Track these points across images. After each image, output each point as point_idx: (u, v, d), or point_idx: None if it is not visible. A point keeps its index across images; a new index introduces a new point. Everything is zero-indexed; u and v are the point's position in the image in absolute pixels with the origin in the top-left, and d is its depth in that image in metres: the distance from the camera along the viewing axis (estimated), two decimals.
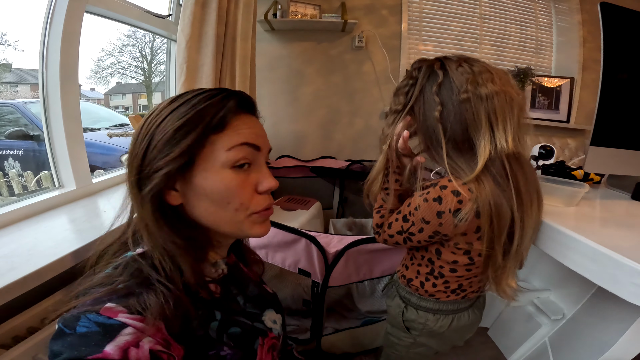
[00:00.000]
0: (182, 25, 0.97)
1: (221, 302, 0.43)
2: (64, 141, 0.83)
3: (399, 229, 0.60)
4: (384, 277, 1.17)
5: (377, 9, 1.76)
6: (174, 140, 0.37)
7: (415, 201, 0.56)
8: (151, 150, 0.37)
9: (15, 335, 0.55)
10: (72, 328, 0.29)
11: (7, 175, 1.54)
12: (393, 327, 0.72)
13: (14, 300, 0.50)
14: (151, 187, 0.37)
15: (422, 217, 0.55)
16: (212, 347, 0.38)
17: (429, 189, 0.54)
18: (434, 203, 0.53)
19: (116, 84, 3.14)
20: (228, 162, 0.38)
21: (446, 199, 0.52)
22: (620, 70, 0.62)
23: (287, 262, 0.80)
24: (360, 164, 1.70)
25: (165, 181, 0.37)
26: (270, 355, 0.47)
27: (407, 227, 0.58)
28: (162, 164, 0.37)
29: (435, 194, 0.53)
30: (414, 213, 0.56)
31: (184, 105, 0.38)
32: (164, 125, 0.38)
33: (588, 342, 0.77)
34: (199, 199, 0.39)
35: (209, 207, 0.39)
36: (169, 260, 0.37)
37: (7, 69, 1.72)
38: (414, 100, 0.58)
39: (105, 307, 0.30)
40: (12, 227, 0.68)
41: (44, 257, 0.56)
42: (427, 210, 0.54)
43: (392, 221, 0.62)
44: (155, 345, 0.30)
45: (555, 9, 1.96)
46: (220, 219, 0.40)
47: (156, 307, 0.32)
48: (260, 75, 1.59)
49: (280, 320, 0.53)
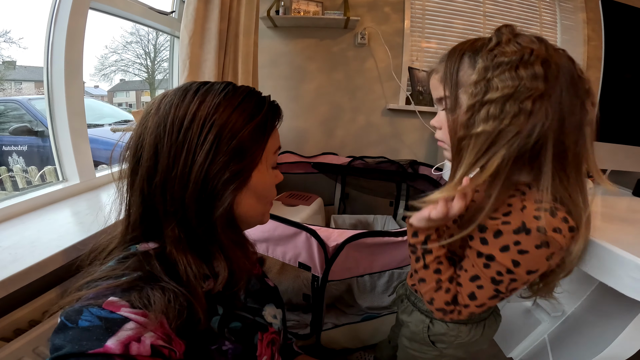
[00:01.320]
0: (185, 22, 0.98)
1: (223, 296, 0.42)
2: (68, 136, 0.83)
3: (492, 293, 0.47)
4: (384, 273, 1.17)
5: (379, 6, 1.76)
6: (251, 142, 0.38)
7: (502, 257, 0.43)
8: (222, 153, 0.36)
9: (17, 328, 0.56)
10: (74, 322, 0.29)
11: (12, 170, 1.55)
12: (413, 342, 0.66)
13: (15, 293, 0.50)
14: (225, 206, 0.37)
15: (528, 270, 0.43)
16: (214, 342, 0.38)
17: (520, 237, 0.42)
18: (539, 251, 0.42)
19: (120, 81, 3.15)
20: (273, 163, 0.43)
21: (555, 241, 0.41)
22: (621, 66, 0.61)
23: (287, 256, 0.81)
24: (362, 160, 1.70)
25: (244, 183, 0.39)
26: (270, 349, 0.47)
27: (505, 287, 0.45)
28: (237, 169, 0.37)
29: (536, 240, 0.41)
30: (512, 270, 0.43)
31: (246, 103, 0.38)
32: (235, 124, 0.36)
33: (588, 339, 0.77)
34: (247, 197, 0.40)
35: (253, 202, 0.41)
36: (195, 267, 0.36)
37: (12, 67, 1.73)
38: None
39: (108, 301, 0.30)
40: (16, 220, 0.69)
41: (47, 249, 0.57)
42: (532, 261, 0.42)
43: (473, 290, 0.48)
44: (157, 340, 0.30)
45: (560, 7, 1.94)
46: (257, 212, 0.43)
47: (160, 304, 0.32)
48: (263, 72, 1.60)
49: (280, 314, 0.53)
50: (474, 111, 0.42)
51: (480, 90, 0.41)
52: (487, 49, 0.42)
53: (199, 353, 0.36)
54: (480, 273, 0.47)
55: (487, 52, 0.42)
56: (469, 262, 0.48)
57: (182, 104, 0.36)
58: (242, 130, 0.37)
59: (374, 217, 1.73)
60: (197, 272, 0.36)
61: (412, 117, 1.82)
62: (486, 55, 0.42)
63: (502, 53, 0.41)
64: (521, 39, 0.42)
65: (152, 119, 0.37)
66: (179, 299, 0.34)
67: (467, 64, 0.45)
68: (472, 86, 0.42)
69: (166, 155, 0.36)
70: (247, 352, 0.42)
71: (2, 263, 0.52)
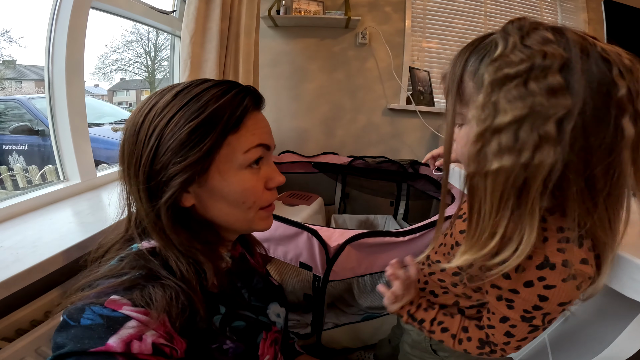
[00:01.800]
0: (186, 21, 0.98)
1: (226, 295, 0.42)
2: (69, 135, 0.84)
3: (526, 332, 0.43)
4: (384, 273, 1.17)
5: (380, 6, 1.75)
6: (191, 143, 0.34)
7: (527, 293, 0.39)
8: (163, 154, 0.35)
9: (19, 328, 0.56)
10: (77, 320, 0.29)
11: (12, 169, 1.55)
12: (415, 349, 0.66)
13: (17, 293, 0.50)
14: (169, 197, 0.35)
15: (559, 302, 0.39)
16: (215, 341, 0.38)
17: (544, 272, 0.37)
18: (567, 283, 0.37)
19: (120, 80, 3.15)
20: (244, 163, 0.38)
21: (583, 273, 0.37)
22: None
23: (288, 256, 0.81)
24: (362, 160, 1.70)
25: (184, 188, 0.36)
26: (273, 349, 0.47)
27: (540, 320, 0.41)
28: (178, 169, 0.34)
29: (563, 274, 0.37)
30: (541, 305, 0.39)
31: (193, 102, 0.35)
32: (175, 125, 0.35)
33: (587, 340, 0.77)
34: (214, 200, 0.38)
35: (223, 207, 0.39)
36: (185, 262, 0.36)
37: (12, 66, 1.73)
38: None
39: (110, 299, 0.30)
40: (17, 220, 0.69)
41: (49, 248, 0.57)
42: (562, 294, 0.38)
43: (507, 329, 0.44)
44: (159, 339, 0.31)
45: (561, 7, 1.94)
46: (233, 218, 0.40)
47: (162, 302, 0.32)
48: (263, 72, 1.60)
49: (284, 313, 0.53)
50: (484, 142, 0.34)
51: (489, 115, 0.33)
52: (491, 58, 0.34)
53: (200, 352, 0.36)
54: (508, 314, 0.43)
55: (490, 63, 0.34)
56: (493, 305, 0.45)
57: (143, 106, 0.37)
58: (181, 130, 0.34)
59: (374, 217, 1.73)
60: (188, 266, 0.36)
61: (413, 117, 1.82)
62: (490, 66, 0.34)
63: (507, 63, 0.32)
64: (532, 39, 0.32)
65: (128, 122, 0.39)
66: (180, 296, 0.34)
67: (470, 74, 0.37)
68: (480, 109, 0.34)
69: (127, 156, 0.37)
70: (249, 351, 0.42)
71: (4, 263, 0.52)
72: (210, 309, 0.39)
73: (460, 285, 0.53)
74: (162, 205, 0.36)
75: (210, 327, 0.38)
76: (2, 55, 1.56)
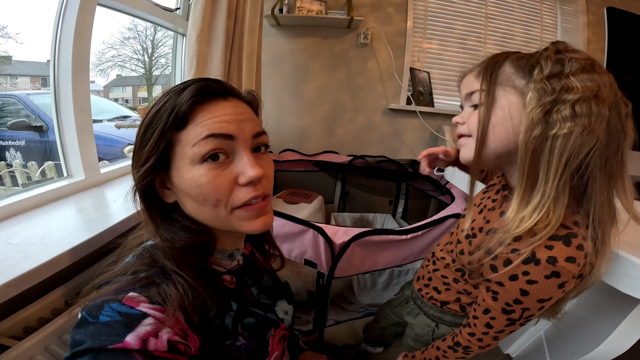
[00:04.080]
0: (192, 19, 0.98)
1: (237, 292, 0.43)
2: (74, 132, 0.83)
3: (503, 324, 0.48)
4: (384, 271, 1.19)
5: (382, 7, 1.76)
6: (143, 143, 0.36)
7: (511, 286, 0.43)
8: (137, 150, 0.38)
9: (26, 326, 0.56)
10: (95, 317, 0.29)
11: (10, 165, 1.54)
12: (417, 343, 0.69)
13: (25, 290, 0.50)
14: (135, 184, 0.38)
15: (539, 299, 0.42)
16: (228, 337, 0.38)
17: (529, 267, 0.41)
18: (549, 280, 0.40)
19: (116, 76, 3.12)
20: (195, 158, 0.35)
21: (567, 271, 0.40)
22: (622, 68, 0.63)
23: (293, 253, 0.82)
24: (362, 159, 1.71)
25: (142, 181, 0.37)
26: (281, 345, 0.48)
27: (517, 315, 0.46)
28: (139, 163, 0.37)
29: (546, 271, 0.40)
30: (521, 300, 0.43)
31: (154, 107, 0.37)
32: (139, 129, 0.38)
33: (582, 336, 0.79)
34: (183, 197, 0.38)
35: (192, 204, 0.37)
36: (176, 254, 0.37)
37: (7, 61, 1.72)
38: None
39: (128, 296, 0.31)
40: (23, 216, 0.69)
41: (58, 246, 0.57)
42: (542, 291, 0.42)
43: (487, 320, 0.49)
44: (174, 336, 0.31)
45: (561, 10, 1.96)
46: (205, 216, 0.38)
47: (177, 299, 0.33)
48: (266, 70, 1.60)
49: (291, 311, 0.54)
50: (552, 107, 0.40)
51: (556, 88, 0.39)
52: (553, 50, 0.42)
53: (214, 348, 0.37)
54: (491, 305, 0.47)
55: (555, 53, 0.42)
56: (481, 296, 0.50)
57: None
58: (138, 135, 0.38)
59: (373, 215, 1.75)
60: (192, 259, 0.38)
61: (413, 117, 1.84)
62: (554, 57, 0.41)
63: (572, 59, 0.40)
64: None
65: None
66: (194, 293, 0.34)
67: (512, 62, 0.45)
68: (544, 82, 0.40)
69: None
70: (259, 347, 0.42)
71: (14, 260, 0.52)
72: (223, 305, 0.40)
73: (461, 281, 0.58)
74: (138, 193, 0.39)
75: (222, 323, 0.39)
76: None
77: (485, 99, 0.45)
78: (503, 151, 0.45)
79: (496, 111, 0.45)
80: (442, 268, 0.62)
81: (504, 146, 0.45)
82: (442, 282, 0.61)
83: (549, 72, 0.40)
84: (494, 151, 0.46)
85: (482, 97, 0.45)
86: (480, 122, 0.45)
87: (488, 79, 0.45)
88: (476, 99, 0.47)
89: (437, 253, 0.64)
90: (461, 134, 0.51)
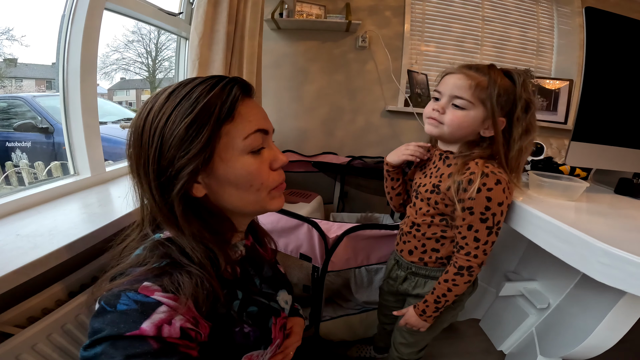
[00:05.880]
0: (195, 24, 1.01)
1: (241, 282, 0.45)
2: (82, 132, 0.87)
3: (485, 235, 0.62)
4: (381, 269, 1.21)
5: (380, 10, 1.80)
6: (190, 137, 0.36)
7: (479, 197, 0.60)
8: (167, 151, 0.37)
9: (30, 315, 0.58)
10: (113, 306, 0.31)
11: (17, 166, 1.58)
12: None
13: (29, 281, 0.51)
14: (180, 188, 0.37)
15: (498, 202, 0.60)
16: (235, 325, 0.40)
17: (484, 179, 0.60)
18: (498, 186, 0.60)
19: (120, 79, 3.17)
20: (246, 149, 0.40)
21: (503, 178, 0.60)
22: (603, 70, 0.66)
23: (289, 247, 0.85)
24: (361, 160, 1.74)
25: (192, 178, 0.38)
26: (282, 333, 0.50)
27: (492, 221, 0.62)
28: (184, 162, 0.36)
29: (493, 179, 0.60)
30: (490, 206, 0.60)
31: (185, 100, 0.37)
32: (173, 123, 0.37)
33: (570, 330, 0.81)
34: (223, 187, 0.40)
35: (233, 192, 0.41)
36: (199, 249, 0.38)
37: (13, 64, 1.75)
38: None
39: (143, 285, 0.32)
40: (32, 211, 0.72)
41: (65, 237, 0.60)
42: (497, 194, 0.60)
43: (473, 234, 0.63)
44: (186, 323, 0.33)
45: (558, 12, 1.99)
46: (245, 201, 0.42)
47: (188, 287, 0.34)
48: (266, 73, 1.63)
49: (290, 300, 0.56)
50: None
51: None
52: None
53: (223, 335, 0.39)
54: (471, 220, 0.62)
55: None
56: (460, 218, 0.63)
57: (141, 111, 0.40)
58: (178, 127, 0.36)
59: (371, 215, 1.77)
60: (203, 254, 0.39)
61: (411, 118, 1.87)
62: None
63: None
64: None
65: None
66: (204, 282, 0.36)
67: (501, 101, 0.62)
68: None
69: (135, 159, 0.40)
70: (263, 335, 0.44)
71: (23, 250, 0.54)
72: (230, 294, 0.42)
73: (448, 228, 0.69)
74: (174, 196, 0.38)
75: (229, 312, 0.40)
76: (3, 53, 1.58)
77: (469, 109, 0.62)
78: (458, 138, 0.66)
79: (469, 115, 0.62)
80: (427, 229, 0.71)
81: (462, 136, 0.65)
82: (434, 239, 0.71)
83: (519, 113, 0.62)
84: (454, 138, 0.66)
85: (467, 106, 0.62)
86: (456, 121, 0.63)
87: (477, 98, 0.61)
88: (460, 103, 0.62)
89: (416, 220, 0.73)
90: (434, 118, 0.65)
